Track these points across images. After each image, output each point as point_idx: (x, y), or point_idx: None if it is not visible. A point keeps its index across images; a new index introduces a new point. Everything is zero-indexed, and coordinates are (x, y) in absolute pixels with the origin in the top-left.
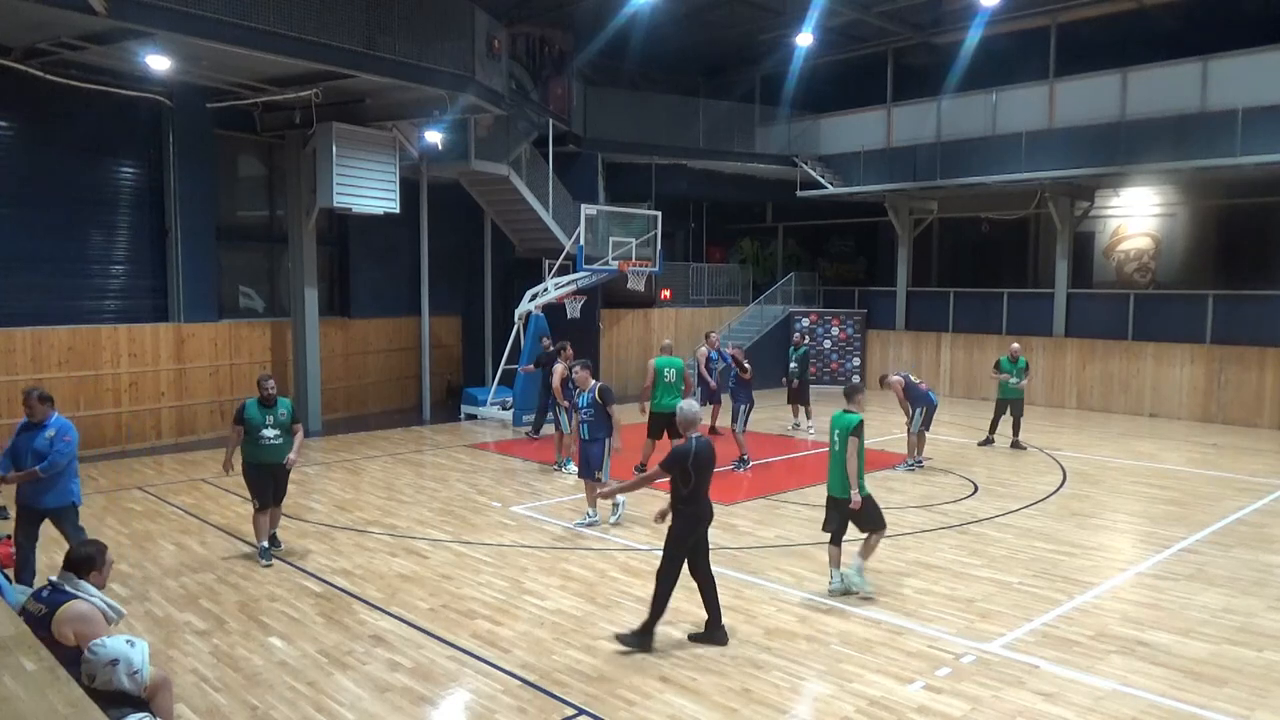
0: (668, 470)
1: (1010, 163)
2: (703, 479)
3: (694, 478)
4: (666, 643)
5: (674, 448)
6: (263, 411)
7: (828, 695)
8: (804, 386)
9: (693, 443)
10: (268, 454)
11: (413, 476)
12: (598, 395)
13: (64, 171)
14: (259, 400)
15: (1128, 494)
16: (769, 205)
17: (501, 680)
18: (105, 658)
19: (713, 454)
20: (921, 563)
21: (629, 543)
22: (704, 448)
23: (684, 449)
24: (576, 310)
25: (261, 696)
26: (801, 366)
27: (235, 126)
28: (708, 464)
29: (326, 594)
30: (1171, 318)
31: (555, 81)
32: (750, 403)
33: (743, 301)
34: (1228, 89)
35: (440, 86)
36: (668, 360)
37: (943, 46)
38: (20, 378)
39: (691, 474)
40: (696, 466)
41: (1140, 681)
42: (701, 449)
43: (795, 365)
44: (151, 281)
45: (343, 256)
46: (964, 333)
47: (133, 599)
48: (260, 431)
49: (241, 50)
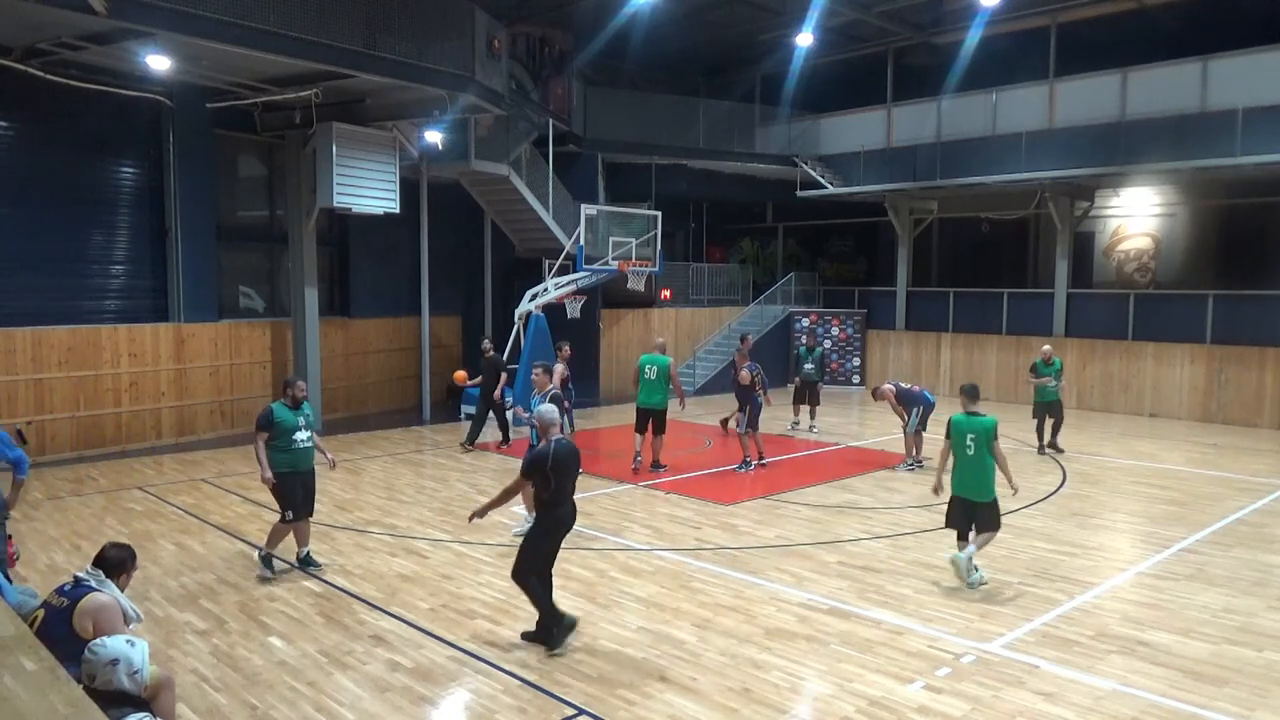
0: (526, 476)
1: (1010, 163)
2: (563, 482)
3: (554, 481)
4: (666, 643)
5: (532, 451)
6: (292, 414)
7: (828, 695)
8: (817, 387)
9: (551, 446)
10: (303, 459)
11: (413, 476)
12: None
13: (64, 171)
14: (285, 403)
15: (1128, 494)
16: (769, 205)
17: (501, 680)
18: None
19: (573, 457)
20: (921, 563)
21: (629, 543)
22: (563, 451)
23: (542, 452)
24: (576, 310)
25: (261, 696)
26: (819, 367)
27: (235, 126)
28: (568, 467)
29: (326, 594)
30: (1171, 318)
31: (555, 81)
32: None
33: (743, 301)
34: (1228, 89)
35: (440, 86)
36: (651, 358)
37: (943, 46)
38: (20, 378)
39: (551, 478)
40: (556, 470)
41: (1140, 681)
42: (560, 452)
43: (812, 366)
44: (151, 281)
45: (343, 256)
46: (964, 333)
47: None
48: (294, 435)
49: (241, 50)
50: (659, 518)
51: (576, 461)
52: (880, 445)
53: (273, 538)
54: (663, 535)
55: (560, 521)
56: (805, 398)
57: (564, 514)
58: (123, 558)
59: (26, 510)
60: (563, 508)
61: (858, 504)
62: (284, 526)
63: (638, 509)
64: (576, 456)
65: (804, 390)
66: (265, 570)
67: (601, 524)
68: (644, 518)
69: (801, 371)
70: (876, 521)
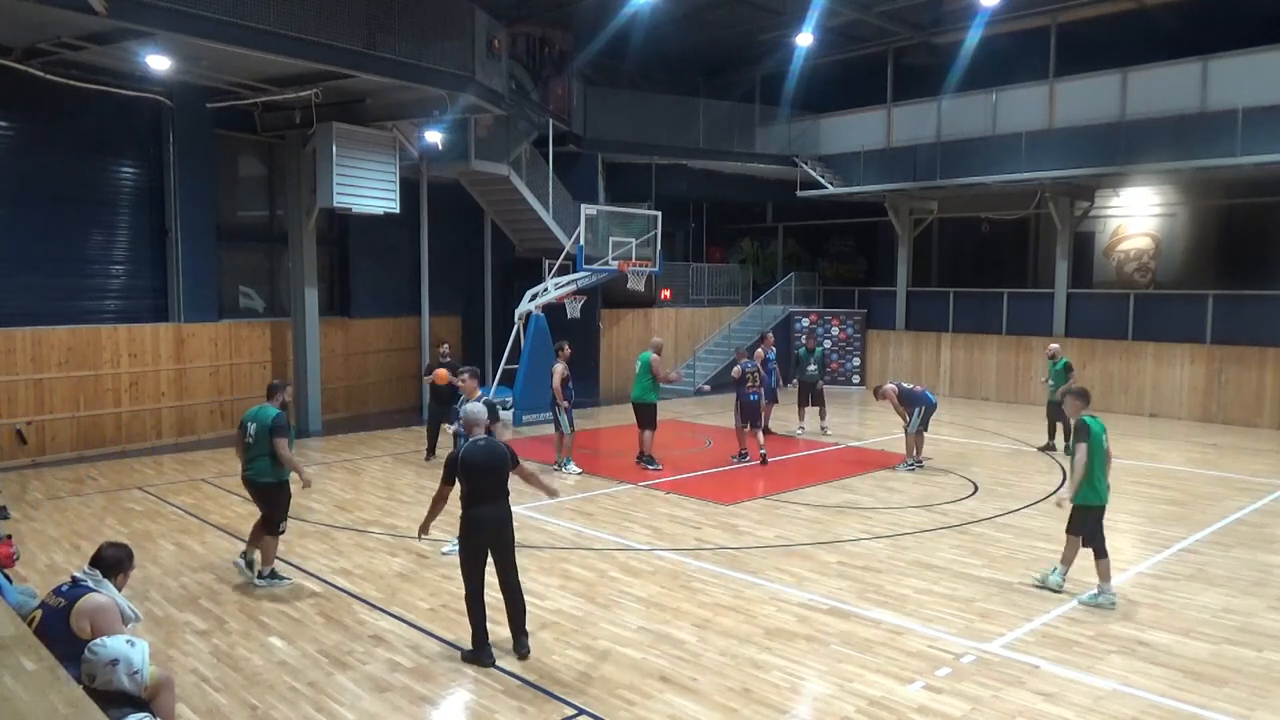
0: (444, 480)
1: (1010, 163)
2: (475, 484)
3: (465, 484)
4: (666, 642)
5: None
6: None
7: (828, 695)
8: (819, 387)
9: (462, 447)
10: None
11: (413, 476)
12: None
13: (64, 171)
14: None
15: (1128, 494)
16: (769, 205)
17: (501, 680)
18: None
19: (488, 457)
20: (921, 563)
21: (629, 543)
22: (472, 452)
23: (452, 455)
24: (576, 310)
25: (261, 696)
26: (820, 368)
27: (235, 126)
28: (478, 468)
29: (326, 594)
30: (1171, 318)
31: (555, 81)
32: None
33: (743, 301)
34: (1228, 89)
35: (440, 86)
36: (643, 355)
37: (943, 46)
38: (20, 378)
39: (463, 481)
40: (465, 472)
41: (1140, 681)
42: (470, 454)
43: (815, 367)
44: (151, 281)
45: (343, 256)
46: (964, 333)
47: (133, 599)
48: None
49: (241, 50)
50: (659, 518)
51: (489, 462)
52: (880, 445)
53: (267, 553)
54: (663, 535)
55: (475, 523)
56: (809, 399)
57: (478, 516)
58: (119, 557)
59: (26, 510)
60: (476, 510)
61: (858, 504)
62: (274, 539)
63: (638, 509)
64: (490, 457)
65: (806, 391)
66: (277, 582)
67: (601, 524)
68: (644, 518)
69: (804, 373)
70: (876, 521)
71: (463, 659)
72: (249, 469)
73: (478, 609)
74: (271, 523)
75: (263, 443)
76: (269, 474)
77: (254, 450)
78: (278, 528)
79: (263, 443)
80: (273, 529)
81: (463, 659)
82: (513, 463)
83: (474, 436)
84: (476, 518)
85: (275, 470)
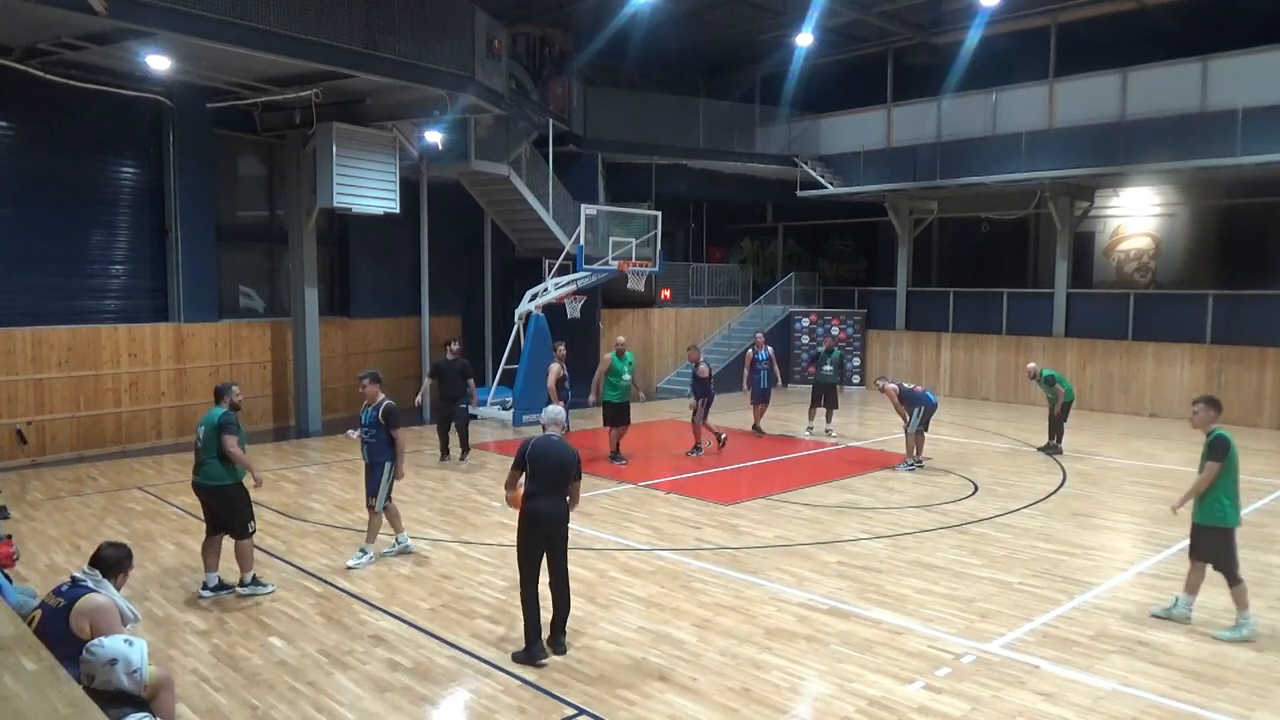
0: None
1: (1010, 163)
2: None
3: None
4: (666, 642)
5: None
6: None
7: (828, 695)
8: (835, 390)
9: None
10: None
11: (412, 476)
12: (381, 415)
13: (64, 171)
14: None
15: (1128, 494)
16: (769, 205)
17: (501, 680)
18: (104, 657)
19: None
20: (921, 563)
21: (629, 543)
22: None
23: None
24: (576, 310)
25: (261, 696)
26: (837, 370)
27: (235, 126)
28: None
29: (326, 594)
30: (1171, 318)
31: (555, 81)
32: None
33: (743, 301)
34: (1228, 89)
35: (440, 86)
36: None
37: (943, 46)
38: (20, 378)
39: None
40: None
41: (1140, 681)
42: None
43: (830, 369)
44: (151, 281)
45: (343, 256)
46: (964, 333)
47: (133, 599)
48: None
49: (241, 50)
50: (659, 518)
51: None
52: (880, 445)
53: (246, 559)
54: (663, 535)
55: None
56: (822, 400)
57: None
58: (119, 557)
59: (26, 510)
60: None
61: (858, 504)
62: (248, 543)
63: (638, 509)
64: (568, 458)
65: (820, 392)
66: (259, 590)
67: (601, 524)
68: (644, 518)
69: (820, 374)
70: (876, 521)
71: (513, 659)
72: (199, 474)
73: (531, 604)
74: (237, 527)
75: (211, 445)
76: (221, 476)
77: (204, 454)
78: (247, 530)
79: (211, 445)
80: (242, 532)
81: (513, 659)
82: (575, 474)
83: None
84: (535, 511)
85: (228, 472)
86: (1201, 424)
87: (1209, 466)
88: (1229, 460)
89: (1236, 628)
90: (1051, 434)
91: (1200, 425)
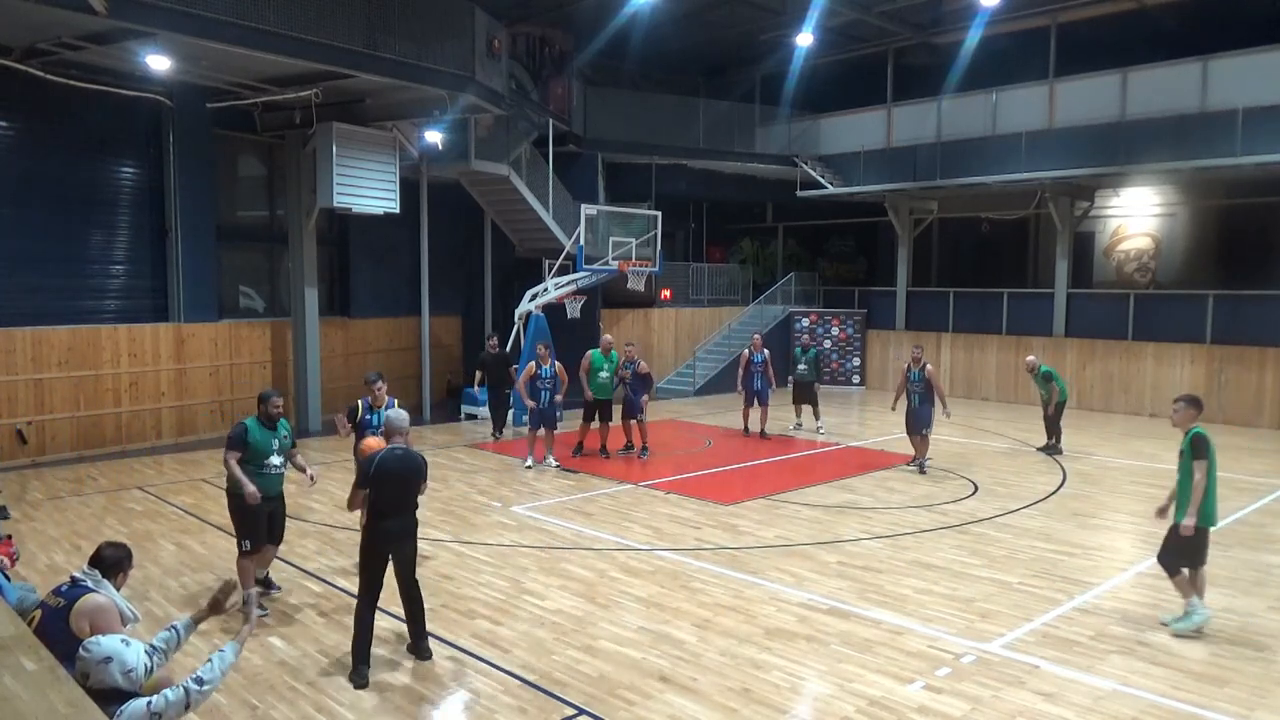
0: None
1: (1010, 163)
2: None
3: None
4: (666, 642)
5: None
6: (266, 434)
7: (828, 695)
8: (813, 387)
9: (379, 454)
10: (273, 484)
11: None
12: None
13: (64, 171)
14: (260, 420)
15: (1128, 494)
16: (769, 205)
17: (501, 680)
18: (98, 656)
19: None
20: (921, 563)
21: (629, 543)
22: (388, 460)
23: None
24: (576, 310)
25: (261, 696)
26: (812, 368)
27: (235, 126)
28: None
29: (326, 594)
30: (1171, 318)
31: (555, 81)
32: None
33: (743, 301)
34: (1228, 89)
35: (440, 86)
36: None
37: (943, 46)
38: (20, 378)
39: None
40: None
41: (1140, 681)
42: (385, 462)
43: (805, 367)
44: (151, 281)
45: (343, 256)
46: (964, 333)
47: (133, 599)
48: (266, 459)
49: (242, 50)
50: (659, 518)
51: (410, 473)
52: (880, 445)
53: (244, 577)
54: (663, 535)
55: (379, 537)
56: (800, 397)
57: (383, 529)
58: (119, 557)
59: (26, 510)
60: (383, 521)
61: (858, 504)
62: (247, 561)
63: (638, 509)
64: (412, 468)
65: (797, 390)
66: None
67: (601, 524)
68: (644, 518)
69: (795, 372)
70: (876, 521)
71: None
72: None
73: (365, 624)
74: (237, 539)
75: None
76: (231, 482)
77: None
78: (239, 545)
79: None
80: (238, 547)
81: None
82: (422, 479)
83: (392, 444)
84: (383, 533)
85: (231, 479)
86: (1182, 422)
87: (1198, 465)
88: (1212, 459)
89: (1187, 616)
90: (1050, 434)
91: (1181, 424)
